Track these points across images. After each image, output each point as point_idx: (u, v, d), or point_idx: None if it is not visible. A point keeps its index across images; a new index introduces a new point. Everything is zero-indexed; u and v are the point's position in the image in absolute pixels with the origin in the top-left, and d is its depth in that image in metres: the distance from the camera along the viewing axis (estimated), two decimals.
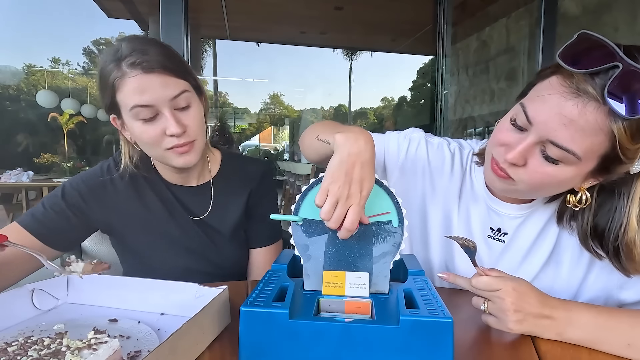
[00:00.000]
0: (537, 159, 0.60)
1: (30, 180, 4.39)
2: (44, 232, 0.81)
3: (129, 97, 0.74)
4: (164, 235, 0.89)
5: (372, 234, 0.59)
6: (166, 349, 0.44)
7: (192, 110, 0.80)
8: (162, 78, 0.75)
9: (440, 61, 4.09)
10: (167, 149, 0.78)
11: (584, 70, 0.54)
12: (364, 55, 9.39)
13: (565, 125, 0.56)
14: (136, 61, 0.73)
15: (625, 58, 0.50)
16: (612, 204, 0.64)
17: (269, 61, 11.00)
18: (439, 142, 0.86)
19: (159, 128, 0.76)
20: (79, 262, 0.59)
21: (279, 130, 14.81)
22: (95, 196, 0.86)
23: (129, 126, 0.78)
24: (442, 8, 3.96)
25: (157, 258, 0.89)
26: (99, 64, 0.78)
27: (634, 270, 0.65)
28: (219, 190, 0.93)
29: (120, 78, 0.74)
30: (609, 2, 3.45)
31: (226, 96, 10.51)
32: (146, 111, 0.74)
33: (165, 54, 0.77)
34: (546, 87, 0.59)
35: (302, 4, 5.52)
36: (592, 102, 0.54)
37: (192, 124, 0.79)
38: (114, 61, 0.74)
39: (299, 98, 11.83)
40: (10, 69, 7.75)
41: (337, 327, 0.47)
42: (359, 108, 12.40)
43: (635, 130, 0.54)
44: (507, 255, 0.77)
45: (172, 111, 0.76)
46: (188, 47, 2.11)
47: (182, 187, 0.91)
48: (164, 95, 0.75)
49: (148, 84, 0.74)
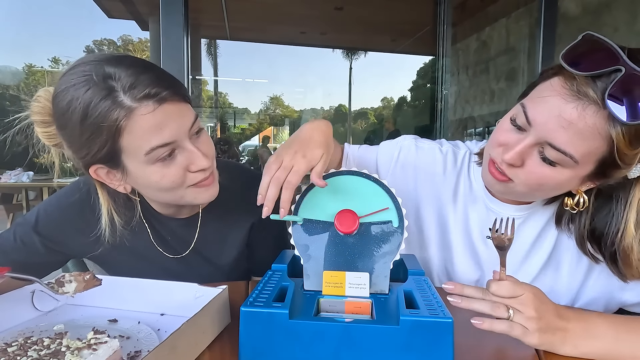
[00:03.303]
0: (535, 160, 0.60)
1: (30, 180, 4.38)
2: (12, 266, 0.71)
3: (144, 139, 0.59)
4: (154, 267, 0.81)
5: (372, 234, 0.59)
6: (166, 349, 0.44)
7: (204, 135, 0.68)
8: (177, 107, 0.62)
9: (440, 61, 4.09)
10: (190, 186, 0.66)
11: (587, 72, 0.53)
12: (364, 55, 9.38)
13: (564, 128, 0.55)
14: (150, 92, 0.58)
15: (629, 62, 0.50)
16: (609, 209, 0.64)
17: (269, 61, 10.99)
18: (430, 145, 0.86)
19: (181, 166, 0.64)
20: (72, 282, 0.59)
21: (279, 130, 14.82)
22: (76, 228, 0.75)
23: (138, 175, 0.63)
24: (442, 8, 3.95)
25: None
26: (70, 104, 0.58)
27: (631, 275, 0.64)
28: (213, 218, 0.81)
29: (127, 118, 0.57)
30: (609, 2, 3.45)
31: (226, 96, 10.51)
32: (165, 150, 0.61)
33: (166, 75, 0.63)
34: (547, 88, 0.58)
35: (302, 4, 5.52)
36: (592, 105, 0.53)
37: (211, 152, 0.68)
38: (109, 96, 0.57)
39: (299, 98, 11.83)
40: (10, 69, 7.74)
41: (337, 327, 0.47)
42: (359, 108, 12.39)
43: (634, 136, 0.54)
44: (507, 256, 0.77)
45: (192, 141, 0.65)
46: (188, 47, 2.11)
47: (173, 218, 0.80)
48: (184, 126, 0.62)
49: (166, 119, 0.60)
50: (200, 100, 8.22)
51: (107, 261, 0.82)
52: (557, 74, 0.58)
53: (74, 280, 0.58)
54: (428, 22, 4.60)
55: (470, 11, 5.36)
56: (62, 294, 0.57)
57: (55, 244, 0.77)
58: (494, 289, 0.52)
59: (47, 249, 0.76)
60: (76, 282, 0.58)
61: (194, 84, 6.91)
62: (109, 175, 0.66)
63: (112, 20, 5.66)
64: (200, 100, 8.34)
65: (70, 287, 0.58)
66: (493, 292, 0.52)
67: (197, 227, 0.81)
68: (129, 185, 0.67)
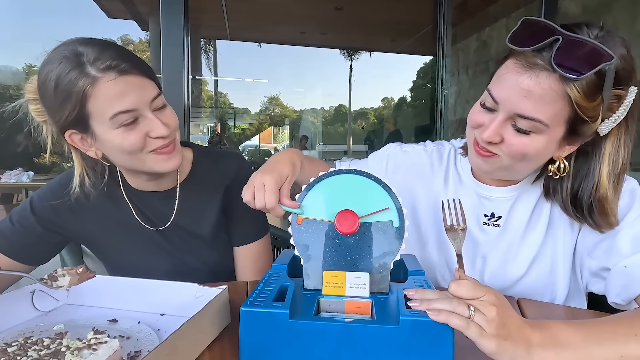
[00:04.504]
0: (511, 133, 0.66)
1: (30, 180, 4.37)
2: (12, 249, 0.80)
3: (107, 104, 0.68)
4: (141, 241, 0.87)
5: (372, 234, 0.59)
6: (166, 349, 0.44)
7: (169, 110, 0.77)
8: (139, 80, 0.71)
9: (440, 61, 4.09)
10: (150, 152, 0.74)
11: (531, 47, 0.61)
12: (364, 55, 9.38)
13: (526, 97, 0.61)
14: (111, 64, 0.67)
15: (564, 30, 0.58)
16: (587, 168, 0.69)
17: (269, 61, 10.98)
18: (414, 148, 0.92)
19: (141, 132, 0.72)
20: (65, 276, 0.59)
21: (279, 130, 14.82)
22: (68, 206, 0.83)
23: (104, 137, 0.71)
24: (442, 8, 3.95)
25: (136, 262, 0.87)
26: (47, 76, 0.68)
27: (607, 224, 0.69)
28: (191, 192, 0.89)
29: (91, 85, 0.67)
30: (609, 2, 3.45)
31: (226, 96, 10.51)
32: (127, 116, 0.70)
33: (129, 54, 0.72)
34: (503, 69, 0.66)
35: (302, 4, 5.52)
36: (543, 72, 0.60)
37: (172, 123, 0.77)
38: (77, 67, 0.67)
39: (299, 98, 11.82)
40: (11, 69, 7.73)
41: (337, 327, 0.47)
42: (359, 108, 12.39)
43: (587, 89, 0.59)
44: (505, 238, 0.79)
45: (154, 113, 0.73)
46: (188, 47, 2.11)
47: (153, 192, 0.87)
48: (145, 97, 0.71)
49: (128, 88, 0.69)
50: (200, 100, 8.23)
51: (97, 240, 0.88)
52: (508, 57, 0.66)
53: (67, 274, 0.59)
54: (428, 22, 4.60)
55: (470, 11, 5.36)
56: (56, 289, 0.58)
57: (51, 223, 0.83)
58: (453, 289, 0.49)
59: (44, 228, 0.82)
60: (69, 276, 0.59)
61: (194, 84, 6.92)
62: (82, 141, 0.74)
63: (112, 20, 5.65)
64: (200, 100, 8.34)
65: (64, 280, 0.58)
66: (452, 292, 0.49)
67: (175, 200, 0.87)
68: (100, 150, 0.75)
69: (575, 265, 0.77)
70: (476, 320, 0.47)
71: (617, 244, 0.69)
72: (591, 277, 0.74)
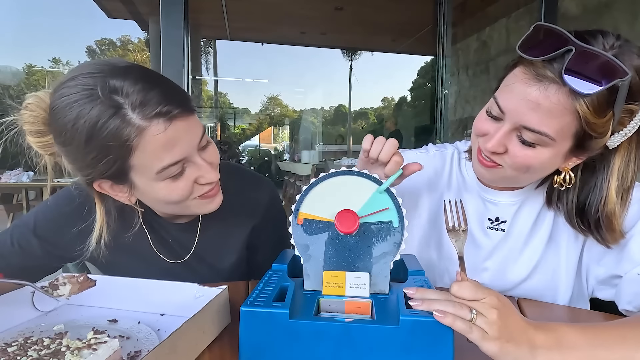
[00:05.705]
0: (516, 145, 0.64)
1: (30, 180, 4.38)
2: (10, 271, 0.70)
3: (155, 158, 0.58)
4: (153, 270, 0.79)
5: (372, 234, 0.59)
6: (166, 348, 0.44)
7: (212, 146, 0.67)
8: (186, 122, 0.60)
9: (441, 61, 4.09)
10: (195, 197, 0.66)
11: (542, 57, 0.58)
12: (364, 55, 9.39)
13: (533, 110, 0.59)
14: (161, 110, 0.55)
15: (577, 41, 0.54)
16: (594, 181, 0.67)
17: (270, 61, 11.00)
18: (417, 154, 0.90)
19: (189, 180, 0.63)
20: (66, 285, 0.59)
21: (279, 130, 14.82)
22: (74, 228, 0.72)
23: (146, 190, 0.62)
24: (442, 8, 3.96)
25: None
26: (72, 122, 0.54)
27: (614, 240, 0.67)
28: (214, 222, 0.79)
29: (138, 137, 0.55)
30: (609, 2, 3.45)
31: (226, 96, 10.52)
32: (177, 168, 0.60)
33: (173, 88, 0.61)
34: (511, 78, 0.63)
35: (302, 5, 5.53)
36: (552, 85, 0.58)
37: (216, 161, 0.67)
38: (117, 114, 0.54)
39: (299, 98, 11.83)
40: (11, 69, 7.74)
41: (337, 327, 0.47)
42: (359, 108, 12.41)
43: (597, 105, 0.57)
44: (509, 243, 0.79)
45: (200, 154, 0.63)
46: (188, 47, 2.11)
47: (174, 223, 0.79)
48: (194, 141, 0.61)
49: (177, 135, 0.58)
50: (200, 100, 8.23)
51: (107, 266, 0.81)
52: (517, 64, 0.63)
53: (68, 283, 0.59)
54: (428, 22, 4.61)
55: (470, 11, 5.36)
56: (57, 297, 0.57)
57: (55, 247, 0.76)
58: (455, 290, 0.49)
59: (45, 252, 0.75)
60: (70, 284, 0.59)
61: (194, 84, 6.91)
62: (114, 187, 0.64)
63: (112, 20, 5.66)
64: (200, 100, 8.34)
65: (64, 289, 0.58)
66: (454, 293, 0.49)
67: (197, 231, 0.80)
68: (134, 197, 0.66)
69: (581, 272, 0.76)
70: (478, 323, 0.46)
71: (629, 251, 0.67)
72: (598, 285, 0.73)
